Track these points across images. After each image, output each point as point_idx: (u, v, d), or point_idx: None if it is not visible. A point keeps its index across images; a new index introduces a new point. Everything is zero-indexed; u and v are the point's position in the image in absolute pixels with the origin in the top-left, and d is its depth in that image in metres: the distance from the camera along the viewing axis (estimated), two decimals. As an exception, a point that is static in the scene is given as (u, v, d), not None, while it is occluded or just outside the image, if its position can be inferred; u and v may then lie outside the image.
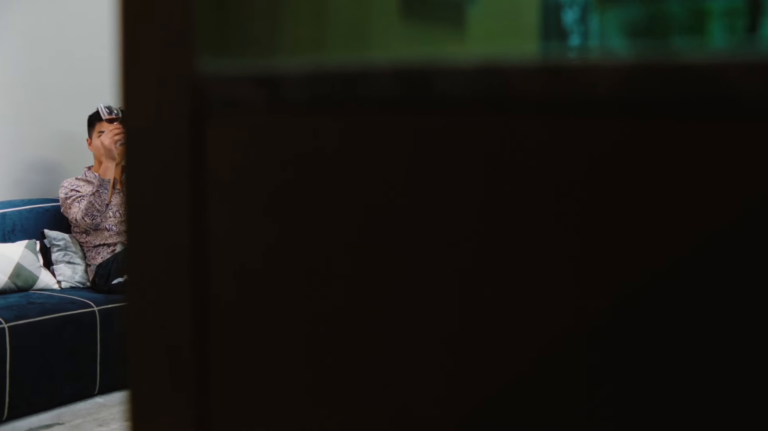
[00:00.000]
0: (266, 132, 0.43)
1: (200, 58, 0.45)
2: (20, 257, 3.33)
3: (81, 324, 3.08)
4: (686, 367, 0.33)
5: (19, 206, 3.56)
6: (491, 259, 0.37)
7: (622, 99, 0.34)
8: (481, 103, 0.36)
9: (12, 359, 2.85)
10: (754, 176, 0.31)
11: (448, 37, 0.62)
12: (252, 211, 0.44)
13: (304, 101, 0.41)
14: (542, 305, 0.36)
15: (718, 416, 0.32)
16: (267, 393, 0.45)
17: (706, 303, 0.32)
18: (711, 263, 0.32)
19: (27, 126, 3.75)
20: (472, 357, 0.38)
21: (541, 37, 0.72)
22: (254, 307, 0.45)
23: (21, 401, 2.89)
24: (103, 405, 3.09)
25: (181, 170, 0.45)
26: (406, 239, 0.39)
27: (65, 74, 3.88)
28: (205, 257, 0.45)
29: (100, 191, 3.40)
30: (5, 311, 2.94)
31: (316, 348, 0.43)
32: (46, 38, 3.81)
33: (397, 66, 0.38)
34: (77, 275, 3.51)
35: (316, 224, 0.42)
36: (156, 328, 0.47)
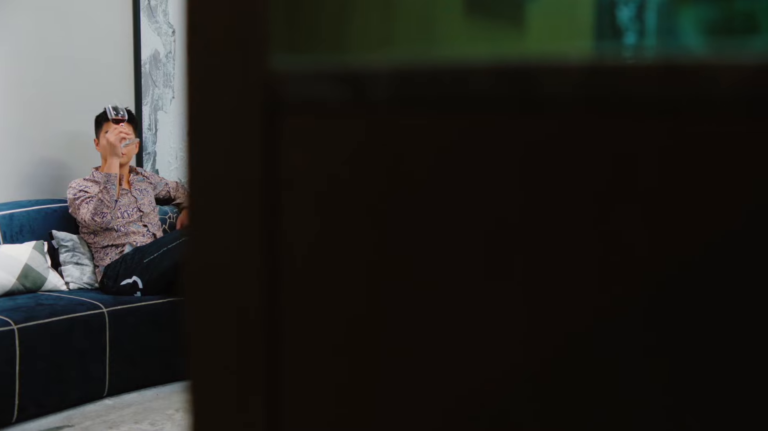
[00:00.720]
0: (346, 131, 0.41)
1: (272, 54, 0.43)
2: (28, 259, 3.31)
3: (90, 326, 3.06)
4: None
5: (26, 207, 3.54)
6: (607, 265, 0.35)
7: (747, 98, 0.32)
8: (592, 103, 0.34)
9: (21, 361, 2.83)
10: None
11: (508, 34, 0.60)
12: (328, 212, 0.42)
13: (389, 100, 0.39)
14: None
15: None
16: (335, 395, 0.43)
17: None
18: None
19: (34, 126, 3.73)
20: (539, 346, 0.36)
21: (595, 36, 0.70)
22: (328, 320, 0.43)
23: (30, 403, 2.87)
24: (113, 407, 3.07)
25: (252, 170, 0.43)
26: (502, 245, 0.37)
27: (72, 74, 3.86)
28: (277, 262, 0.43)
29: (108, 187, 3.38)
30: (14, 312, 2.92)
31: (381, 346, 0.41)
32: (53, 38, 3.79)
33: (498, 65, 0.36)
34: (85, 276, 3.49)
35: (400, 227, 0.40)
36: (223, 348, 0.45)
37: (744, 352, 0.32)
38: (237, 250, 0.44)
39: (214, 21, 0.44)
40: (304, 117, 0.42)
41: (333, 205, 0.42)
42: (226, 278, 0.44)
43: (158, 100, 4.25)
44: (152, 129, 4.24)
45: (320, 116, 0.42)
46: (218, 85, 0.44)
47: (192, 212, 0.45)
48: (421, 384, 0.41)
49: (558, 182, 0.36)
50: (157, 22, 4.22)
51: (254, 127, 0.43)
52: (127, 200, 3.56)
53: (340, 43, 0.46)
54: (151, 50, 4.19)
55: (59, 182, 3.82)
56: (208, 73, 0.44)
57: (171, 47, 4.29)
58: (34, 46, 3.71)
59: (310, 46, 0.45)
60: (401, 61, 0.39)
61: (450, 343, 0.40)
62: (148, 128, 4.21)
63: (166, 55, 4.27)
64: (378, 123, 0.40)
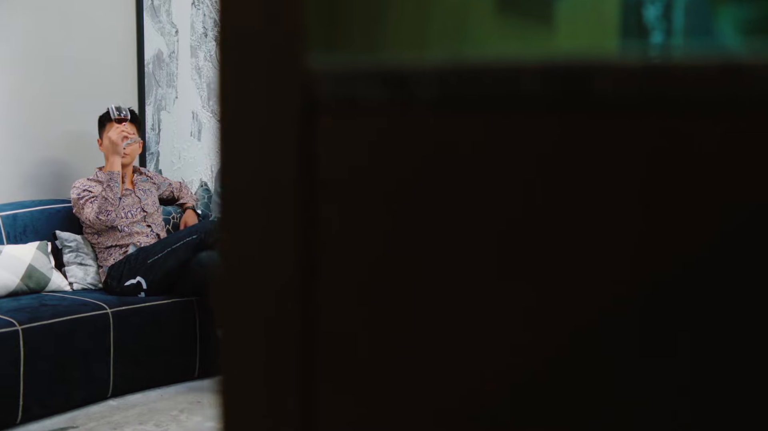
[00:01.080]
0: (388, 132, 0.40)
1: (308, 53, 0.42)
2: (32, 259, 3.30)
3: (94, 326, 3.05)
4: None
5: (30, 207, 3.53)
6: (650, 265, 0.34)
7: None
8: (646, 103, 0.33)
9: (26, 361, 2.82)
10: None
11: (538, 33, 0.59)
12: (365, 214, 0.41)
13: (432, 100, 0.38)
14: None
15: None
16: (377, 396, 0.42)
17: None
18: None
19: (37, 126, 3.72)
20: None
21: (621, 34, 0.69)
22: (364, 320, 0.42)
23: (35, 404, 2.86)
24: (117, 408, 3.05)
25: (287, 171, 0.42)
26: (555, 246, 0.36)
27: (75, 74, 3.85)
28: (313, 263, 0.42)
29: (111, 185, 3.37)
30: (18, 313, 2.91)
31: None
32: (56, 38, 3.78)
33: (550, 64, 0.35)
34: (89, 276, 3.48)
35: (441, 228, 0.39)
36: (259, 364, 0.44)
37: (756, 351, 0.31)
38: (271, 252, 0.43)
39: (248, 19, 0.43)
40: (342, 117, 0.41)
41: (370, 206, 0.41)
42: (260, 281, 0.43)
43: (161, 100, 4.24)
44: (155, 129, 4.23)
45: (359, 115, 0.41)
46: (253, 85, 0.43)
47: (224, 215, 0.44)
48: (445, 381, 0.40)
49: (606, 183, 0.35)
50: (161, 22, 4.21)
51: (290, 127, 0.42)
52: (131, 201, 3.55)
53: (374, 41, 0.45)
54: (155, 50, 4.18)
55: (62, 183, 3.81)
56: (242, 72, 0.43)
57: (174, 47, 4.28)
58: (37, 46, 3.70)
59: (344, 45, 0.44)
60: (444, 61, 0.38)
61: (479, 339, 0.39)
62: (151, 128, 4.20)
63: (170, 54, 4.26)
64: (420, 123, 0.39)
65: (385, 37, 0.47)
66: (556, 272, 0.37)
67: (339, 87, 0.42)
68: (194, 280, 3.27)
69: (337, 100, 0.41)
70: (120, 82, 4.04)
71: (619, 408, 0.36)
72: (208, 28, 4.45)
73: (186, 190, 4.01)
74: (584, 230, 0.36)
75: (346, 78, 0.41)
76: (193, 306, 3.36)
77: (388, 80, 0.40)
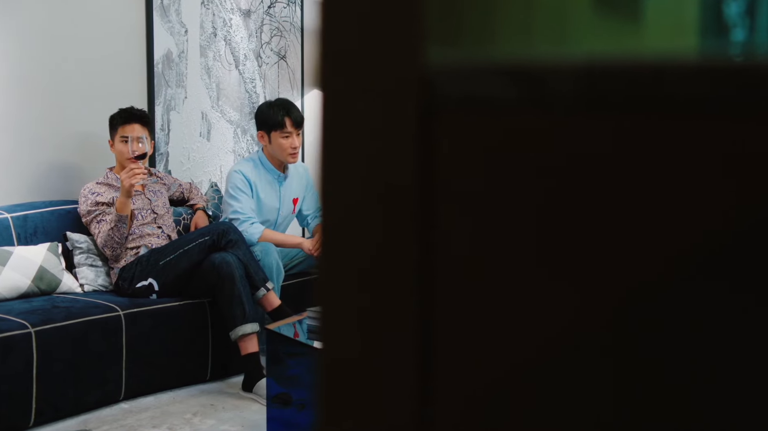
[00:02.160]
0: (517, 132, 0.38)
1: (428, 47, 0.40)
2: (43, 260, 3.27)
3: (107, 329, 3.02)
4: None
5: (40, 208, 3.50)
6: None
7: None
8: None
9: (39, 364, 2.79)
10: None
11: (626, 29, 0.57)
12: (490, 221, 0.39)
13: (573, 99, 0.36)
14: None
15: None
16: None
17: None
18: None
19: (47, 127, 3.69)
20: None
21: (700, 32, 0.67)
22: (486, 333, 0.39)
23: (48, 407, 2.83)
24: (129, 411, 3.03)
25: (404, 175, 0.40)
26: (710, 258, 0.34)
27: (85, 75, 3.82)
28: (433, 274, 0.40)
29: (119, 226, 3.33)
30: (30, 315, 2.89)
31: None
32: (66, 39, 3.76)
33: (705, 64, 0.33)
34: (100, 278, 3.45)
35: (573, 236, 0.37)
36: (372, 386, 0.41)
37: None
38: (385, 263, 0.40)
39: (358, 6, 0.41)
40: (464, 116, 0.39)
41: (495, 213, 0.39)
42: (374, 292, 0.41)
43: (171, 101, 4.22)
44: (165, 129, 4.20)
45: (483, 114, 0.39)
46: (363, 81, 0.40)
47: (328, 221, 0.42)
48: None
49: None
50: (170, 22, 4.18)
51: (407, 127, 0.40)
52: (141, 202, 3.52)
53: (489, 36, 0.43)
54: (164, 50, 4.15)
55: (73, 183, 3.78)
56: (352, 67, 0.41)
57: (184, 47, 4.26)
58: (47, 46, 3.67)
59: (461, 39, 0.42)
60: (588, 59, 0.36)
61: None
62: (160, 128, 4.17)
63: (179, 54, 4.24)
64: (553, 124, 0.37)
65: (495, 31, 0.44)
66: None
67: (461, 84, 0.39)
68: (207, 282, 3.25)
69: (459, 98, 0.39)
70: (129, 83, 4.02)
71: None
72: (217, 27, 4.43)
73: (196, 191, 3.98)
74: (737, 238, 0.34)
75: (469, 75, 0.39)
76: (206, 308, 3.33)
77: (518, 78, 0.37)
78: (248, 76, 4.63)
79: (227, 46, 4.49)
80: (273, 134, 3.58)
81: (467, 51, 0.41)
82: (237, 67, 4.56)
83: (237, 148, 4.60)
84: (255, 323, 3.21)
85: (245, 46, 4.60)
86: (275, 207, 3.72)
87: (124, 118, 3.48)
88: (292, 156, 3.63)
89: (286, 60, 4.88)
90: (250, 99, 4.65)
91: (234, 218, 3.54)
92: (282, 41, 4.84)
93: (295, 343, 2.82)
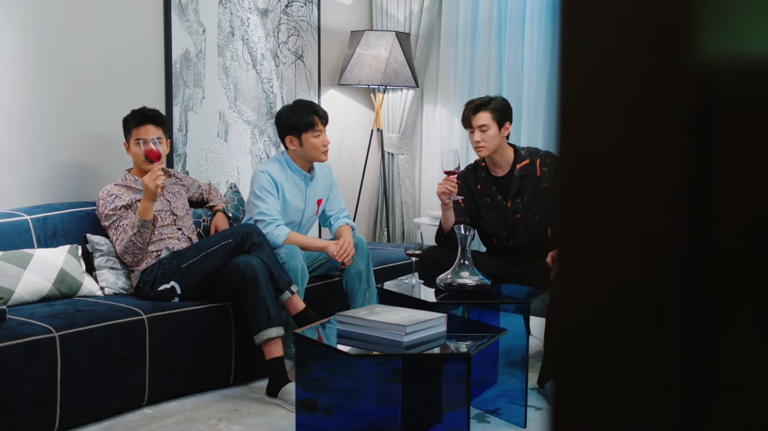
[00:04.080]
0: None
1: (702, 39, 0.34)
2: (63, 263, 3.22)
3: (130, 333, 2.96)
4: None
5: (59, 210, 3.44)
6: None
7: None
8: None
9: (63, 369, 2.73)
10: None
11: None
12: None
13: None
14: None
15: None
16: None
17: None
18: None
19: (64, 127, 3.63)
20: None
21: None
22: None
23: (72, 413, 2.78)
24: (153, 417, 2.97)
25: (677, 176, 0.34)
26: None
27: (103, 74, 3.77)
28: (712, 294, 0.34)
29: (142, 231, 3.28)
30: (54, 319, 2.83)
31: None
32: (84, 39, 3.70)
33: None
34: (120, 281, 3.39)
35: None
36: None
37: None
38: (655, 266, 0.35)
39: None
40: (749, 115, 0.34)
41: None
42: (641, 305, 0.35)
43: (189, 101, 4.16)
44: (182, 130, 4.15)
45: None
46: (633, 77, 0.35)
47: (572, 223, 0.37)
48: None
49: None
50: (188, 21, 4.13)
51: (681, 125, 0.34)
52: (161, 204, 3.46)
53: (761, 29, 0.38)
54: (182, 49, 4.10)
55: (90, 184, 3.72)
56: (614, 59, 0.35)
57: (202, 46, 4.20)
58: (64, 47, 3.61)
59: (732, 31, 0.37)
60: None
61: None
62: (178, 128, 4.11)
63: (197, 54, 4.18)
64: None
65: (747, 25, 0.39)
66: None
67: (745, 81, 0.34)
68: (230, 285, 3.19)
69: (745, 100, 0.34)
70: (147, 82, 3.96)
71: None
72: (234, 27, 4.37)
73: (215, 192, 3.93)
74: None
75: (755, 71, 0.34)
76: (229, 312, 3.27)
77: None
78: (265, 76, 4.58)
79: (245, 46, 4.44)
80: (304, 135, 3.53)
81: (745, 43, 0.36)
82: (254, 67, 4.51)
83: (254, 149, 4.54)
84: (280, 327, 3.15)
85: (262, 45, 4.54)
86: (300, 209, 3.66)
87: (137, 120, 3.42)
88: (325, 154, 3.58)
89: (303, 60, 4.83)
90: (267, 99, 4.60)
91: (260, 219, 3.49)
92: (299, 41, 4.79)
93: (320, 346, 2.77)
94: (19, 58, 3.45)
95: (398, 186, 5.40)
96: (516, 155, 3.48)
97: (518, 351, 3.35)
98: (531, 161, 3.45)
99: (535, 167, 3.44)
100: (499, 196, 3.48)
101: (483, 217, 3.52)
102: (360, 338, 2.60)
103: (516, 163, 3.46)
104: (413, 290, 3.17)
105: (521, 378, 3.01)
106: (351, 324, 2.64)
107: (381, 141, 5.31)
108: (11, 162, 3.45)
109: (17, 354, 2.60)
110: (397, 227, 5.41)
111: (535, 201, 3.43)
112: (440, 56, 5.36)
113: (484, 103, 3.47)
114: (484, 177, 3.52)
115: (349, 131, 5.26)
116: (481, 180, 3.52)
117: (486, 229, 3.54)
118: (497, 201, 3.48)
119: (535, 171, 3.43)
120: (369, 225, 5.46)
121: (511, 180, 3.46)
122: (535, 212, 3.43)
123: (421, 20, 5.26)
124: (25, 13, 3.46)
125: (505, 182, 3.47)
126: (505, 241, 3.51)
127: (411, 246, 3.26)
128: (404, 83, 4.90)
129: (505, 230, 3.49)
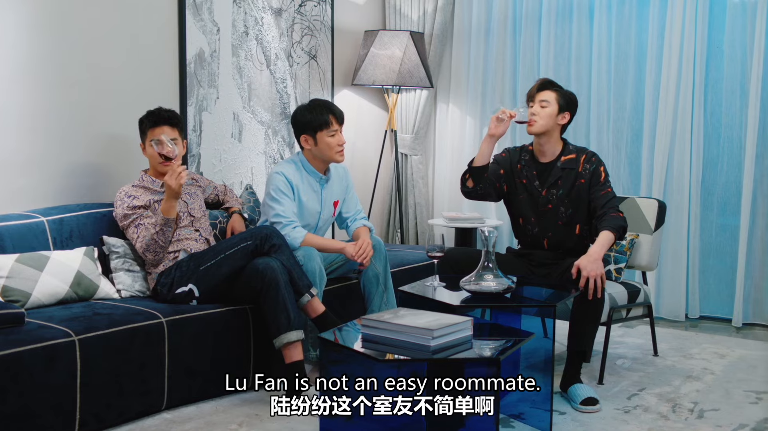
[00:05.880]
0: None
1: None
2: (80, 265, 3.17)
3: (149, 336, 2.92)
4: None
5: (75, 212, 3.40)
6: None
7: None
8: None
9: (82, 374, 2.69)
10: None
11: None
12: None
13: None
14: None
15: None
16: None
17: None
18: None
19: (80, 128, 3.59)
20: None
21: None
22: None
23: (91, 417, 2.74)
24: (172, 421, 2.93)
25: None
26: None
27: (118, 75, 3.72)
28: None
29: (164, 230, 3.23)
30: (73, 322, 2.79)
31: None
32: (98, 39, 3.65)
33: None
34: (137, 283, 3.35)
35: None
36: None
37: None
38: None
39: None
40: None
41: None
42: None
43: (203, 101, 4.12)
44: (197, 131, 4.10)
45: None
46: None
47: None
48: None
49: None
50: (203, 20, 4.09)
51: None
52: (178, 206, 3.41)
53: None
54: (196, 49, 4.06)
55: (105, 185, 3.68)
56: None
57: (216, 46, 4.16)
58: (78, 47, 3.57)
59: None
60: None
61: None
62: (192, 129, 4.07)
63: (211, 54, 4.14)
64: None
65: None
66: None
67: None
68: (250, 287, 3.14)
69: None
70: (162, 82, 3.92)
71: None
72: (248, 26, 4.33)
73: (231, 193, 3.88)
74: None
75: None
76: (248, 315, 3.23)
77: None
78: (279, 76, 4.54)
79: (258, 46, 4.40)
80: (319, 134, 3.48)
81: None
82: (268, 67, 4.47)
83: (268, 149, 4.50)
84: (300, 330, 3.11)
85: (276, 45, 4.50)
86: (317, 211, 3.61)
87: (153, 121, 3.37)
88: (340, 154, 3.54)
89: (317, 60, 4.79)
90: (281, 100, 4.55)
91: (276, 221, 3.44)
92: (313, 41, 4.75)
93: (338, 348, 2.72)
94: (33, 59, 3.40)
95: (411, 187, 5.36)
96: (564, 148, 3.46)
97: (538, 354, 3.31)
98: (576, 157, 3.43)
99: (578, 162, 3.41)
100: (536, 181, 3.45)
101: (517, 196, 3.50)
102: (385, 342, 2.56)
103: (561, 155, 3.44)
104: (435, 292, 3.12)
105: (544, 381, 2.97)
106: (376, 328, 2.60)
107: (395, 142, 5.27)
108: (26, 164, 3.41)
109: (37, 358, 2.56)
110: (411, 228, 5.37)
111: (570, 194, 3.40)
112: (453, 56, 5.32)
113: (553, 83, 3.47)
114: (528, 160, 3.49)
115: (363, 131, 5.22)
116: (524, 162, 3.49)
117: (517, 207, 3.51)
118: (533, 186, 3.45)
119: (578, 166, 3.40)
120: (382, 227, 5.42)
121: (552, 169, 3.43)
122: (569, 205, 3.40)
123: (435, 20, 5.22)
124: (39, 14, 3.42)
125: (546, 169, 3.45)
126: (531, 226, 3.48)
127: (432, 248, 3.21)
128: (419, 83, 4.86)
129: (533, 215, 3.47)
